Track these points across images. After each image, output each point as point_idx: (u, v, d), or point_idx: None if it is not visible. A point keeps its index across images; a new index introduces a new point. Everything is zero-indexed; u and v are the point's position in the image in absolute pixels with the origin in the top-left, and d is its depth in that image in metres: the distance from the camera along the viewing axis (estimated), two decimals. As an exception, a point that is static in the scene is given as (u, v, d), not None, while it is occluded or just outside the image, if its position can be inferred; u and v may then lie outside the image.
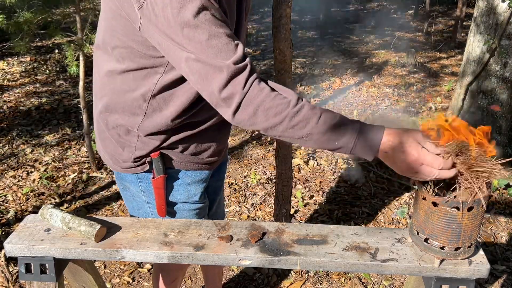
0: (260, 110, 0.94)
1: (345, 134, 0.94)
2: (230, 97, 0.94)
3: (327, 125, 0.94)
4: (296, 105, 0.94)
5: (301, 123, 0.94)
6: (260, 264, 1.07)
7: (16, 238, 1.11)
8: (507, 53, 2.79)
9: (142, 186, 1.29)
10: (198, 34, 0.91)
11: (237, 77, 0.93)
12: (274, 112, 0.94)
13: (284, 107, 0.94)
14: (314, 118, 0.94)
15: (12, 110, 4.20)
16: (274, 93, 0.95)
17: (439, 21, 8.20)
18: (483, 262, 1.03)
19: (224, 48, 0.93)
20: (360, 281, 2.15)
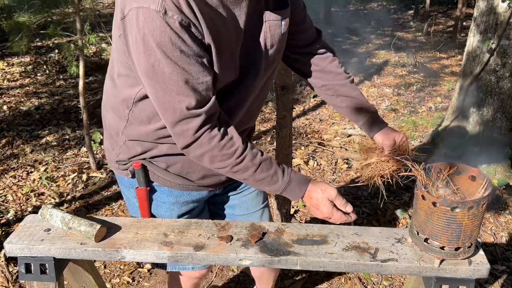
0: (206, 156, 1.05)
1: (275, 185, 1.11)
2: (180, 135, 1.02)
3: (262, 176, 1.09)
4: (240, 156, 1.06)
5: (241, 171, 1.08)
6: (260, 264, 1.07)
7: (16, 238, 1.11)
8: (507, 53, 2.79)
9: (133, 192, 1.28)
10: (162, 67, 0.93)
11: (191, 122, 1.00)
12: (219, 159, 1.05)
13: (229, 157, 1.05)
14: (252, 168, 1.07)
15: (12, 110, 4.20)
16: (223, 142, 1.03)
17: (439, 21, 8.20)
18: (483, 262, 1.03)
19: (183, 91, 0.96)
20: (360, 281, 2.15)
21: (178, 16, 0.90)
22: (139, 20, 0.91)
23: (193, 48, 0.94)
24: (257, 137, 3.73)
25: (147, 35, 0.90)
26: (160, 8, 0.88)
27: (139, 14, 0.90)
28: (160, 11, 0.88)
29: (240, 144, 1.06)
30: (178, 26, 0.90)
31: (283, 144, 2.06)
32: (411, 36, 7.19)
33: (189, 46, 0.93)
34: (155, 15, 0.89)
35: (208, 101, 1.00)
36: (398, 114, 4.16)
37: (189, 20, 0.92)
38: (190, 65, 0.95)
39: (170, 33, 0.90)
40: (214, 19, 0.97)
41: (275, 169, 1.10)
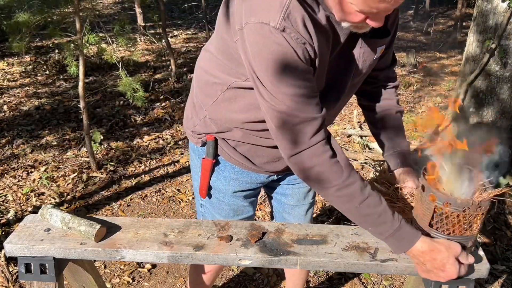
0: (314, 169, 1.01)
1: (380, 227, 1.01)
2: (294, 142, 1.00)
3: (368, 211, 1.00)
4: (349, 179, 1.00)
5: (345, 197, 1.01)
6: (260, 264, 1.07)
7: (16, 238, 1.11)
8: (506, 53, 2.79)
9: (199, 161, 1.34)
10: (282, 85, 0.96)
11: (307, 126, 0.99)
12: (325, 177, 1.00)
13: (337, 176, 1.00)
14: (358, 199, 1.00)
15: (12, 110, 4.21)
16: (334, 160, 1.01)
17: (439, 21, 8.20)
18: (482, 262, 1.03)
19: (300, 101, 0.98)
20: (360, 281, 2.15)
21: (295, 34, 0.93)
22: (257, 34, 0.94)
23: (308, 64, 0.97)
24: (257, 137, 3.73)
25: (265, 50, 0.94)
26: (279, 26, 0.92)
27: (258, 28, 0.93)
28: (279, 28, 0.92)
29: (349, 169, 1.01)
30: (295, 43, 0.93)
31: (283, 144, 2.06)
32: (411, 36, 7.19)
33: (304, 62, 0.96)
34: (274, 31, 0.92)
35: (320, 110, 1.01)
36: (398, 114, 4.16)
37: (305, 40, 0.94)
38: (305, 81, 0.98)
39: (288, 47, 0.93)
40: (321, 40, 0.99)
41: (384, 207, 1.01)
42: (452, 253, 0.96)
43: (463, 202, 0.93)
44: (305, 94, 0.99)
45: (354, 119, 3.96)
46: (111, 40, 3.25)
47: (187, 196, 2.86)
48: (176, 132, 3.79)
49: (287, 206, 1.51)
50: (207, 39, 6.86)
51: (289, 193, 1.48)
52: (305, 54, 0.96)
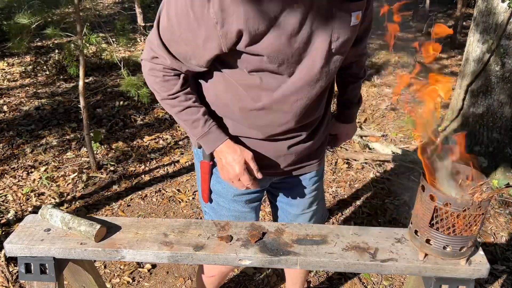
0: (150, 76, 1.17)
1: (196, 129, 1.19)
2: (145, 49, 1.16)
3: (185, 117, 1.19)
4: (173, 94, 1.17)
5: (168, 105, 1.20)
6: (260, 264, 1.07)
7: (16, 238, 1.11)
8: (506, 53, 2.79)
9: (199, 164, 1.34)
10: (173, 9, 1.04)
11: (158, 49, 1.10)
12: (158, 87, 1.17)
13: (164, 90, 1.16)
14: (178, 107, 1.18)
15: (12, 110, 4.21)
16: (167, 78, 1.15)
17: (439, 21, 8.20)
18: (482, 262, 1.03)
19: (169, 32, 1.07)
20: (360, 281, 2.15)
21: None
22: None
23: (200, 21, 0.99)
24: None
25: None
26: None
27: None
28: None
29: (178, 87, 1.16)
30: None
31: (283, 144, 2.06)
32: (411, 36, 7.19)
33: (197, 17, 0.98)
34: None
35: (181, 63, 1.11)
36: (398, 114, 4.16)
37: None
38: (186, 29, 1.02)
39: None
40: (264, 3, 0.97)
41: (198, 116, 1.18)
42: (244, 154, 1.18)
43: (463, 202, 0.93)
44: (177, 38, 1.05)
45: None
46: (111, 40, 3.25)
47: (187, 196, 2.86)
48: (176, 132, 3.79)
49: (292, 215, 1.50)
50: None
51: (295, 203, 1.47)
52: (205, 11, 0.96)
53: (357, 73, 1.42)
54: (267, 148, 1.26)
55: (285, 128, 1.21)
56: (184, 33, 1.03)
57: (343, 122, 1.52)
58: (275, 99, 1.13)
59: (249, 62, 1.07)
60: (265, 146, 1.25)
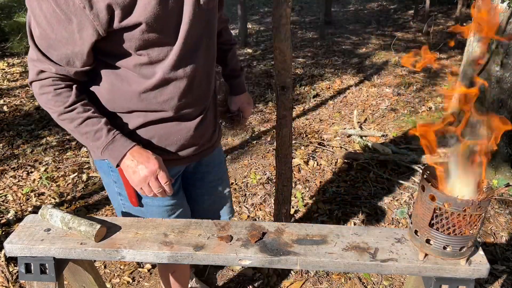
0: (42, 97, 1.13)
1: (99, 140, 1.15)
2: (29, 70, 1.12)
3: (86, 129, 1.14)
4: (70, 107, 1.12)
5: (67, 120, 1.14)
6: (260, 264, 1.07)
7: (16, 238, 1.11)
8: (506, 53, 2.79)
9: (113, 175, 1.30)
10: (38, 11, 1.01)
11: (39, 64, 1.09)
12: (52, 104, 1.13)
13: (59, 105, 1.12)
14: (78, 120, 1.13)
15: (13, 110, 4.21)
16: (58, 91, 1.11)
17: (439, 21, 8.20)
18: (482, 262, 1.03)
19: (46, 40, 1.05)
20: (360, 281, 2.15)
21: None
22: None
23: (68, 15, 0.98)
24: (257, 137, 3.74)
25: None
26: None
27: None
28: None
29: (74, 97, 1.13)
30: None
31: (283, 144, 2.06)
32: (411, 36, 7.19)
33: (63, 11, 0.98)
34: None
35: (68, 64, 1.08)
36: (398, 114, 4.16)
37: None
38: (59, 28, 1.01)
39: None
40: None
41: (100, 126, 1.14)
42: (152, 160, 1.15)
43: (463, 202, 0.93)
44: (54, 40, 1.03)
45: (354, 119, 3.96)
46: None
47: (187, 196, 2.86)
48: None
49: (207, 201, 1.58)
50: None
51: (208, 188, 1.54)
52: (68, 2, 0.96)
53: (229, 39, 1.51)
54: (176, 130, 1.27)
55: (187, 99, 1.23)
56: (59, 33, 1.02)
57: (239, 94, 1.60)
58: (167, 68, 1.15)
59: (131, 38, 1.06)
60: (175, 128, 1.27)
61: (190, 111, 1.27)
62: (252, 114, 4.21)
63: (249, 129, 3.88)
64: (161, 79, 1.15)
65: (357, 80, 5.14)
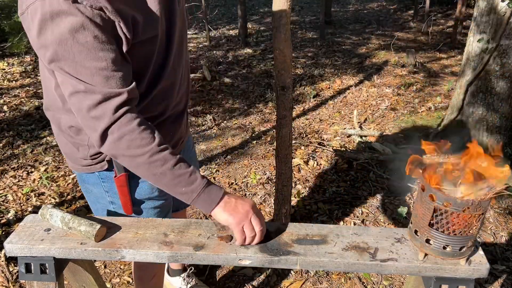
0: (125, 138, 0.99)
1: (193, 183, 1.04)
2: (99, 118, 0.97)
3: (181, 171, 1.03)
4: (161, 145, 1.02)
5: (160, 161, 1.01)
6: (260, 264, 1.07)
7: (16, 238, 1.11)
8: (506, 53, 2.79)
9: (105, 186, 1.28)
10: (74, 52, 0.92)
11: (111, 102, 0.97)
12: (138, 144, 0.99)
13: (149, 142, 1.00)
14: (172, 161, 1.02)
15: (13, 110, 4.21)
16: (143, 127, 1.00)
17: (439, 21, 8.20)
18: (482, 262, 1.03)
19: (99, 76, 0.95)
20: (360, 281, 2.15)
21: (88, 2, 0.89)
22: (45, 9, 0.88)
23: (108, 34, 0.94)
24: (257, 137, 3.74)
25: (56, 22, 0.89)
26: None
27: (46, 4, 0.88)
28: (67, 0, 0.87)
29: (159, 135, 1.03)
30: (90, 11, 0.90)
31: (283, 144, 2.06)
32: (411, 36, 7.19)
33: (103, 31, 0.93)
34: (63, 2, 0.87)
35: (127, 84, 1.00)
36: (398, 114, 4.16)
37: (100, 5, 0.91)
38: (105, 52, 0.94)
39: (82, 18, 0.89)
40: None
41: (193, 168, 1.06)
42: (248, 201, 1.06)
43: (463, 202, 0.93)
44: (106, 68, 0.95)
45: (354, 119, 3.96)
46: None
47: (187, 196, 2.86)
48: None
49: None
50: (207, 39, 6.86)
51: None
52: (104, 21, 0.91)
53: None
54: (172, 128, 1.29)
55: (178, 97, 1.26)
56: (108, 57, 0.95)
57: None
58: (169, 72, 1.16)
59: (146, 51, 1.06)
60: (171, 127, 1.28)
61: (179, 107, 1.30)
62: (252, 114, 4.21)
63: (249, 129, 3.88)
64: (166, 83, 1.17)
65: (357, 80, 5.14)
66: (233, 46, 6.73)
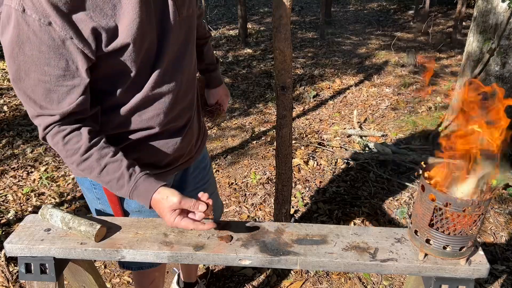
0: (55, 149, 1.07)
1: (122, 189, 1.06)
2: (38, 126, 1.05)
3: (108, 178, 1.05)
4: (84, 154, 1.04)
5: (87, 170, 1.06)
6: (260, 264, 1.07)
7: (16, 238, 1.11)
8: (506, 53, 2.79)
9: (96, 192, 1.28)
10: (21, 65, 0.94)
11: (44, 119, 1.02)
12: (64, 155, 1.06)
13: (73, 153, 1.04)
14: (97, 169, 1.05)
15: (13, 110, 4.21)
16: (68, 137, 1.03)
17: (439, 21, 8.20)
18: (482, 262, 1.03)
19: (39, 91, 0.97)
20: (360, 281, 2.15)
21: (36, 15, 0.87)
22: (3, 15, 0.90)
23: (55, 50, 0.92)
24: (257, 137, 3.74)
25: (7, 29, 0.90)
26: (18, 6, 0.87)
27: (4, 10, 0.90)
28: (18, 9, 0.87)
29: (86, 142, 1.03)
30: (38, 25, 0.88)
31: (283, 144, 2.06)
32: (411, 36, 7.19)
33: (50, 47, 0.91)
34: (14, 12, 0.87)
35: (70, 101, 0.99)
36: (398, 114, 4.16)
37: (49, 20, 0.88)
38: (50, 67, 0.93)
39: (28, 32, 0.88)
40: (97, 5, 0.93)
41: (122, 172, 1.05)
42: (168, 204, 1.02)
43: (463, 202, 0.93)
44: (47, 82, 0.96)
45: (354, 119, 3.96)
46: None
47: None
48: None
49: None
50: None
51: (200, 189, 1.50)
52: (52, 35, 0.89)
53: (204, 33, 1.47)
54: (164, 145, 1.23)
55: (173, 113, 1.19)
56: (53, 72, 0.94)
57: (216, 87, 1.57)
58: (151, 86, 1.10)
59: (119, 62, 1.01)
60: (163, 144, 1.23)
61: (176, 124, 1.23)
62: (252, 114, 4.21)
63: (249, 129, 3.88)
64: (145, 97, 1.11)
65: (357, 80, 5.14)
66: (233, 46, 6.73)
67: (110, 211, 1.30)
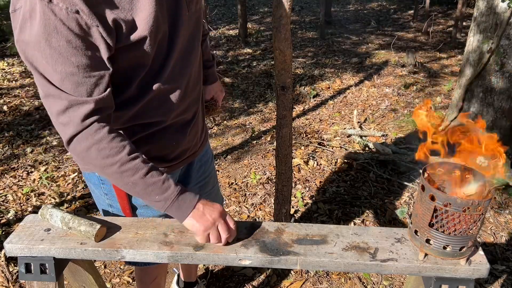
0: (94, 148, 0.98)
1: (167, 191, 1.03)
2: (66, 124, 0.96)
3: (154, 180, 1.02)
4: (132, 153, 1.00)
5: (131, 171, 1.00)
6: (260, 264, 1.07)
7: (16, 238, 1.11)
8: (506, 53, 2.79)
9: (104, 188, 1.28)
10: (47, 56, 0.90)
11: (78, 109, 0.95)
12: (107, 154, 0.98)
13: (118, 151, 0.98)
14: (143, 170, 1.00)
15: (13, 110, 4.21)
16: (112, 135, 0.98)
17: (439, 21, 8.20)
18: (482, 262, 1.03)
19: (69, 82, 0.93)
20: (360, 281, 2.15)
21: (63, 4, 0.86)
22: (26, 9, 0.89)
23: (83, 39, 0.91)
24: (257, 137, 3.74)
25: (32, 23, 0.88)
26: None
27: (27, 3, 0.88)
28: (43, 0, 0.85)
29: (130, 142, 1.01)
30: (65, 14, 0.87)
31: (283, 144, 2.06)
32: (411, 36, 7.19)
33: (77, 36, 0.89)
34: (39, 2, 0.86)
35: (98, 92, 0.97)
36: (398, 114, 4.16)
37: (76, 8, 0.87)
38: (78, 57, 0.92)
39: (56, 21, 0.87)
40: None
41: (165, 175, 1.04)
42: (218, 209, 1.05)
43: (463, 202, 0.93)
44: (76, 73, 0.92)
45: (354, 119, 3.96)
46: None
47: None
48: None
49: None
50: (207, 39, 6.86)
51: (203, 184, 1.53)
52: (79, 25, 0.88)
53: (203, 30, 1.45)
54: (173, 138, 1.24)
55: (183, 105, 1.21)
56: (81, 63, 0.92)
57: (212, 83, 1.58)
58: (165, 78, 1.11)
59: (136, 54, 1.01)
60: (172, 137, 1.23)
61: (185, 116, 1.24)
62: (252, 114, 4.21)
63: (249, 129, 3.88)
64: (160, 90, 1.12)
65: (357, 80, 5.14)
66: (233, 46, 6.73)
67: (118, 206, 1.30)
